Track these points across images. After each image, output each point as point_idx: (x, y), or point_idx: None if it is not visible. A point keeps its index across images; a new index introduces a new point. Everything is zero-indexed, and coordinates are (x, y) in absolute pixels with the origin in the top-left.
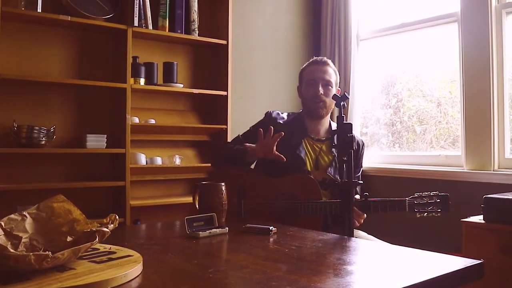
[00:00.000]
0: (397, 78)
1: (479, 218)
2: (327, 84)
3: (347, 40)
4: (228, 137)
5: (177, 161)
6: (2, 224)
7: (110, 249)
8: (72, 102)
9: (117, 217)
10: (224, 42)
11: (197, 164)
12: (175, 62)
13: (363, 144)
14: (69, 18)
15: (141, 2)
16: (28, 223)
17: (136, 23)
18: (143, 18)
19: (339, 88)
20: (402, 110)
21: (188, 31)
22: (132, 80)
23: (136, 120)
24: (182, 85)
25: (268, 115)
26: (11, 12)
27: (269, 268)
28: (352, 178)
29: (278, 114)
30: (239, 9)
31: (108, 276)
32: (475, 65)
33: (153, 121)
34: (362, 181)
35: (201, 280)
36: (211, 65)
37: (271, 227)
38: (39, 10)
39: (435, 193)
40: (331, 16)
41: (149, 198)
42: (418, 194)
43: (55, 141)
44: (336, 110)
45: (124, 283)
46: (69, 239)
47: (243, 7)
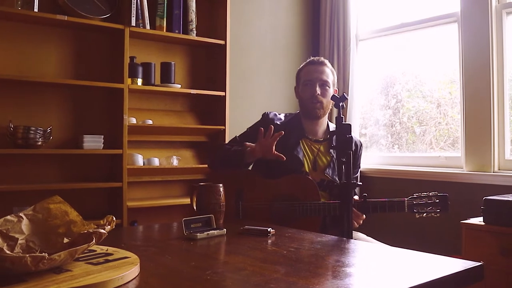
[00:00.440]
0: (397, 79)
1: (479, 220)
2: (324, 85)
3: (346, 40)
4: (226, 138)
5: (175, 162)
6: None
7: (107, 251)
8: (69, 103)
9: (114, 219)
10: (222, 42)
11: (195, 165)
12: (173, 62)
13: (361, 145)
14: (66, 18)
15: (139, 2)
16: (25, 225)
17: (134, 23)
18: (141, 18)
19: (337, 89)
20: (402, 111)
21: (186, 31)
22: (130, 81)
23: (134, 121)
24: (180, 86)
25: (266, 116)
26: (7, 12)
27: (267, 270)
28: (351, 180)
29: (276, 115)
30: (237, 9)
31: (105, 278)
32: (475, 66)
33: (151, 122)
34: (361, 183)
35: (199, 282)
36: (209, 66)
37: (269, 229)
38: (36, 10)
39: (434, 193)
40: (330, 16)
41: (146, 199)
42: (417, 195)
43: (52, 142)
44: (335, 111)
45: (121, 285)
46: (66, 241)
47: (241, 7)
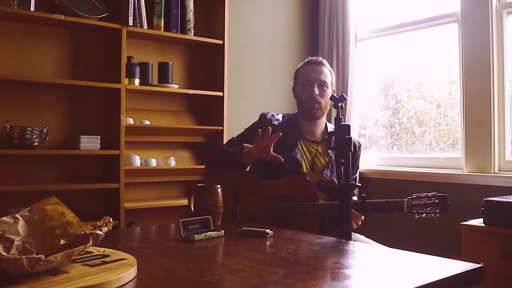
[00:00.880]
0: (396, 79)
1: (479, 222)
2: (323, 85)
3: (345, 40)
4: (224, 139)
5: (172, 163)
6: None
7: (104, 253)
8: (66, 103)
9: (111, 220)
10: (220, 42)
11: (193, 166)
12: (170, 62)
13: (360, 146)
14: (63, 17)
15: (136, 1)
16: (21, 226)
17: (131, 23)
18: (138, 18)
19: (335, 89)
20: (401, 112)
21: (184, 31)
22: (127, 81)
23: (131, 121)
24: (178, 86)
25: (263, 117)
26: (4, 11)
27: (265, 272)
28: (350, 181)
29: (273, 116)
30: (236, 9)
31: (102, 280)
32: (475, 66)
33: (148, 122)
34: (360, 183)
35: (196, 284)
36: (207, 66)
37: (268, 230)
38: (32, 9)
39: (434, 194)
40: (329, 16)
41: (144, 201)
42: (417, 195)
43: (48, 142)
44: (334, 111)
45: (118, 287)
46: (62, 242)
47: (240, 7)
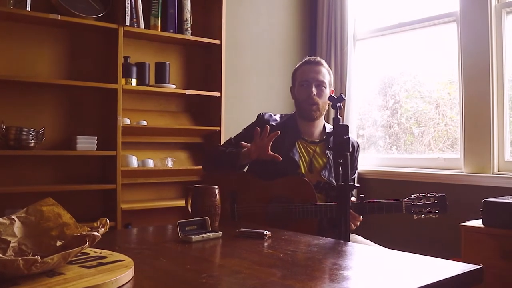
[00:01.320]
0: (395, 79)
1: (478, 222)
2: (321, 85)
3: (344, 40)
4: (222, 139)
5: (170, 164)
6: None
7: (101, 254)
8: (62, 103)
9: (108, 221)
10: (218, 42)
11: (190, 167)
12: (168, 62)
13: (358, 146)
14: (59, 17)
15: (133, 1)
16: (17, 227)
17: (128, 22)
18: (135, 17)
19: (333, 89)
20: (400, 112)
21: (181, 31)
22: (123, 81)
23: (128, 122)
24: (175, 86)
25: (261, 117)
26: None
27: (263, 273)
28: (348, 181)
29: (271, 116)
30: (233, 8)
31: (99, 281)
32: (475, 66)
33: (145, 123)
34: (359, 184)
35: (194, 286)
36: (204, 66)
37: (266, 231)
38: (28, 9)
39: (433, 194)
40: (327, 16)
41: (141, 202)
42: (415, 195)
43: (45, 143)
44: (332, 112)
45: None
46: (59, 244)
47: (237, 6)
